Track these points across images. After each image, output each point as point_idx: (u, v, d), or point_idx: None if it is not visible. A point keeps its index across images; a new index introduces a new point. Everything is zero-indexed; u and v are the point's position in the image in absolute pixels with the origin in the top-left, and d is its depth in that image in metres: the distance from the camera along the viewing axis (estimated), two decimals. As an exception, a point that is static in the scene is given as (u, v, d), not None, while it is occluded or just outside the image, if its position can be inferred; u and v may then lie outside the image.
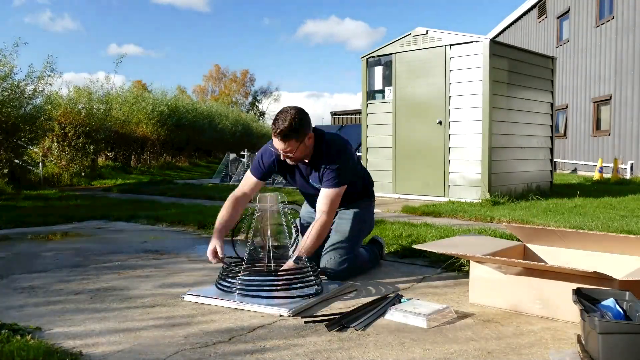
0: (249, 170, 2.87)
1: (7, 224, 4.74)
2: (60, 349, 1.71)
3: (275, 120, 2.55)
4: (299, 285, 2.31)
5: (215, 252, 2.58)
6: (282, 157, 2.65)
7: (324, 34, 79.23)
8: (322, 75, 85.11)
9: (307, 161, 2.73)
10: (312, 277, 2.36)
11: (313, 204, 2.93)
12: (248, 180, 2.85)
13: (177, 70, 76.99)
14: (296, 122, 2.51)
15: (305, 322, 2.02)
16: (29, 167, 10.11)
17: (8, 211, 5.73)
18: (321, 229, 2.59)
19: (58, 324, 2.01)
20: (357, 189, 2.90)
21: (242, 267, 2.38)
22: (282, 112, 2.56)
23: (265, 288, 2.29)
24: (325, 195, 2.65)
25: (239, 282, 2.30)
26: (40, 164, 10.29)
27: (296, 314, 2.10)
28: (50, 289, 2.53)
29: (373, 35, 76.32)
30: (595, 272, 1.85)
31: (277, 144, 2.58)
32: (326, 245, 2.73)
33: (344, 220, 2.84)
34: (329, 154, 2.67)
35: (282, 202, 2.53)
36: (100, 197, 7.50)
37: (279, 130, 2.51)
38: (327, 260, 2.66)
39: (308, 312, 2.14)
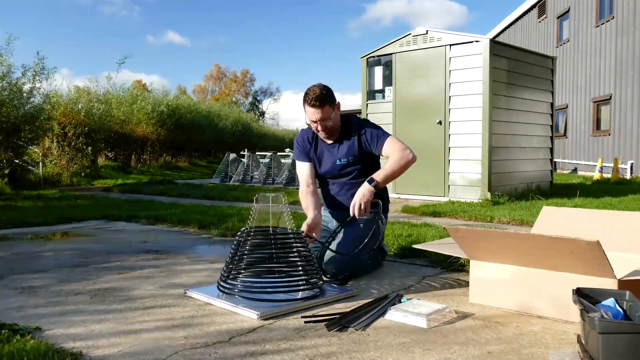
0: (296, 162, 2.99)
1: (7, 224, 4.74)
2: (61, 349, 1.71)
3: (306, 94, 2.74)
4: (301, 287, 2.30)
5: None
6: (318, 129, 2.78)
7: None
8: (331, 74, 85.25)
9: (330, 142, 2.86)
10: (315, 280, 2.36)
11: (335, 196, 2.93)
12: (302, 170, 2.94)
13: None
14: (326, 89, 2.72)
15: (305, 322, 2.02)
16: (29, 167, 10.12)
17: (8, 211, 5.73)
18: (398, 155, 2.69)
19: (58, 324, 2.01)
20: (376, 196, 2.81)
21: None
22: (309, 88, 2.74)
23: (268, 290, 2.28)
24: (389, 145, 2.75)
25: (240, 283, 2.30)
26: (40, 164, 10.29)
27: (265, 318, 2.06)
28: (50, 289, 2.53)
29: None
30: (598, 243, 1.83)
31: (313, 114, 2.71)
32: (332, 246, 2.70)
33: (354, 224, 2.78)
34: (358, 122, 2.87)
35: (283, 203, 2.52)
36: (100, 197, 7.50)
37: (315, 97, 2.68)
38: (330, 261, 2.63)
39: (279, 316, 2.10)
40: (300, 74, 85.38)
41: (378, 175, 2.66)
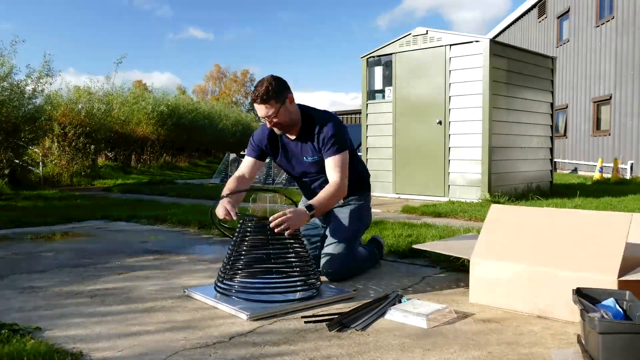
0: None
1: (7, 224, 4.74)
2: (61, 349, 1.71)
3: (254, 88, 2.59)
4: (298, 288, 2.30)
5: (226, 210, 2.45)
6: (268, 126, 2.66)
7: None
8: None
9: (293, 137, 2.71)
10: (312, 281, 2.36)
11: (309, 193, 2.87)
12: (245, 162, 2.83)
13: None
14: (273, 84, 2.53)
15: (305, 322, 2.02)
16: (29, 167, 10.12)
17: (8, 211, 5.73)
18: (334, 188, 2.54)
19: (58, 324, 2.01)
20: (353, 181, 2.80)
21: (251, 220, 2.36)
22: (257, 82, 2.60)
23: (265, 290, 2.28)
24: (331, 164, 2.61)
25: (237, 283, 2.30)
26: (41, 164, 10.29)
27: (264, 318, 2.06)
28: (50, 290, 2.53)
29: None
30: (609, 212, 1.85)
31: (260, 110, 2.58)
32: (324, 246, 2.70)
33: (341, 219, 2.79)
34: (319, 117, 2.67)
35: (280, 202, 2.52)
36: (100, 197, 7.50)
37: (258, 94, 2.52)
38: (326, 262, 2.64)
39: (279, 316, 2.10)
40: (328, 73, 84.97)
41: (318, 203, 2.47)
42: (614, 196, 6.75)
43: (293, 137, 2.73)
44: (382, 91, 7.22)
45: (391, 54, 7.01)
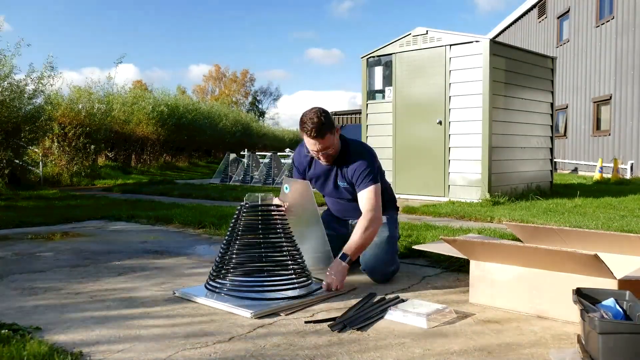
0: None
1: (7, 224, 4.74)
2: (61, 349, 1.71)
3: (303, 123, 2.54)
4: (285, 287, 2.30)
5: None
6: (319, 157, 2.65)
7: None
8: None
9: (329, 163, 2.72)
10: (304, 279, 2.37)
11: (338, 211, 2.93)
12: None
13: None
14: (324, 116, 2.53)
15: (306, 322, 2.02)
16: (29, 167, 10.12)
17: (8, 211, 5.73)
18: (367, 222, 2.51)
19: (58, 324, 2.01)
20: (384, 200, 2.81)
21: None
22: (305, 114, 2.56)
23: (255, 289, 2.28)
24: (365, 196, 2.60)
25: (229, 282, 2.30)
26: (41, 164, 10.29)
27: (262, 317, 2.07)
28: (50, 289, 2.53)
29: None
30: (596, 256, 1.84)
31: (313, 145, 2.57)
32: (368, 248, 2.64)
33: (383, 224, 2.76)
34: (355, 151, 2.68)
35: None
36: (101, 197, 7.50)
37: (314, 128, 2.50)
38: (374, 262, 2.61)
39: (278, 316, 2.10)
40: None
41: (350, 249, 2.47)
42: (614, 196, 6.75)
43: (326, 163, 2.73)
44: (382, 91, 7.22)
45: (391, 54, 7.00)
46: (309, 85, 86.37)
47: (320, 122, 2.50)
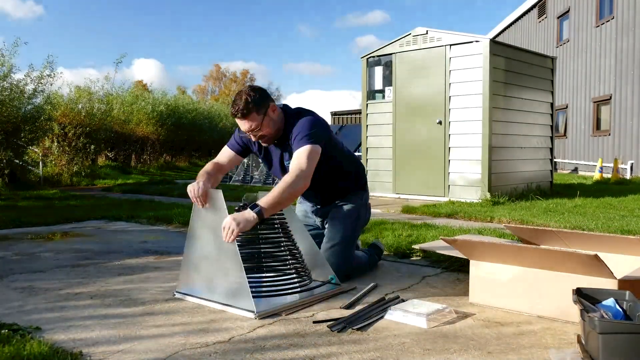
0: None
1: (7, 224, 4.74)
2: (61, 349, 1.71)
3: (233, 102, 2.43)
4: (284, 286, 2.30)
5: (198, 191, 2.33)
6: (253, 139, 2.52)
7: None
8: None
9: (276, 142, 2.58)
10: (304, 279, 2.37)
11: (302, 197, 2.84)
12: (225, 152, 2.69)
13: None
14: (252, 96, 2.40)
15: (314, 322, 2.02)
16: (29, 167, 10.12)
17: (8, 211, 5.73)
18: (292, 181, 2.27)
19: (58, 324, 2.01)
20: (349, 181, 2.77)
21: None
22: (235, 95, 2.46)
23: (255, 288, 2.27)
24: (295, 156, 2.39)
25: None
26: (41, 164, 10.29)
27: (263, 317, 2.07)
28: (50, 289, 2.53)
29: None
30: (596, 256, 1.84)
31: (242, 125, 2.43)
32: (322, 248, 2.66)
33: (337, 220, 2.73)
34: (298, 116, 2.50)
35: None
36: (100, 197, 7.50)
37: (238, 108, 2.38)
38: (330, 257, 2.61)
39: (278, 316, 2.10)
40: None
41: (266, 202, 2.23)
42: (614, 196, 6.75)
43: (265, 143, 2.60)
44: (382, 91, 7.21)
45: (391, 54, 7.00)
46: (319, 85, 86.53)
47: (246, 102, 2.37)
